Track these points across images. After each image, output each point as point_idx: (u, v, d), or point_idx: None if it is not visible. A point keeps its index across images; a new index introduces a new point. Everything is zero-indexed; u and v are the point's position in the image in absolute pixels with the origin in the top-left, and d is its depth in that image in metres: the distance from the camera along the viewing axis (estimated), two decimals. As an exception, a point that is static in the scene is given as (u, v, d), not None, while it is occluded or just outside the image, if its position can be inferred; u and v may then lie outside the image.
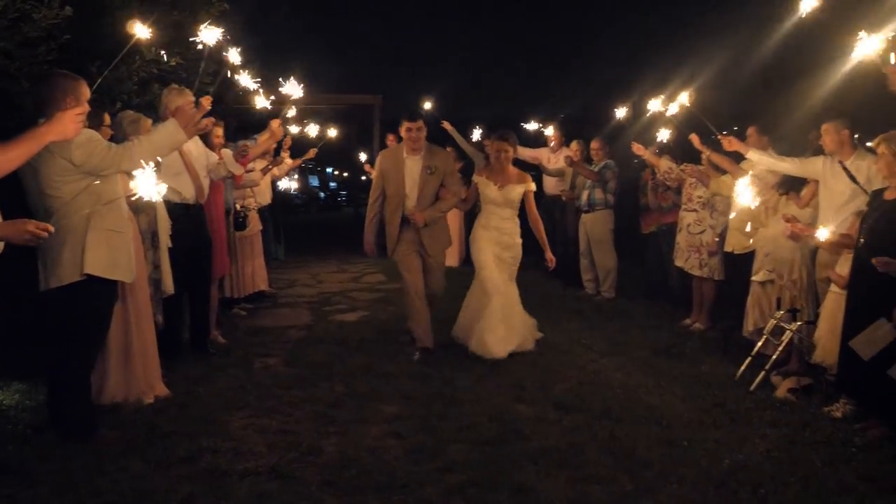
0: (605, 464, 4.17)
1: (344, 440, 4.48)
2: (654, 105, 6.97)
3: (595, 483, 3.92)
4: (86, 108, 4.05)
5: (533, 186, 6.86)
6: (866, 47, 3.73)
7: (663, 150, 8.36)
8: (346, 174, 32.00)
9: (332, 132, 10.83)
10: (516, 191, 6.73)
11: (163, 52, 6.96)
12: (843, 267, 5.27)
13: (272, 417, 4.88)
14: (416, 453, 4.28)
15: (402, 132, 6.53)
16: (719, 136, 6.45)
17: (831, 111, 6.03)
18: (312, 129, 10.24)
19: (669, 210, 8.42)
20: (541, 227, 6.91)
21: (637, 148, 8.16)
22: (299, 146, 10.35)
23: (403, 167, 6.52)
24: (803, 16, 3.94)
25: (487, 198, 6.80)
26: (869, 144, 5.33)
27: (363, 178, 25.52)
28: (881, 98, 4.88)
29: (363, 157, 13.65)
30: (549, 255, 6.83)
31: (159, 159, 4.65)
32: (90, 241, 4.35)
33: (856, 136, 5.88)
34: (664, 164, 8.05)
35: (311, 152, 10.29)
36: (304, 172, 29.31)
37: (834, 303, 5.44)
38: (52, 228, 3.72)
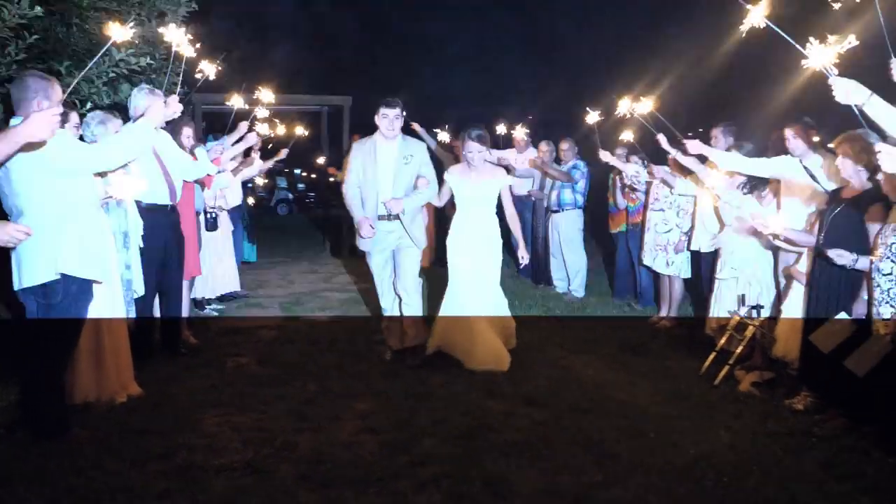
0: (574, 455, 4.28)
1: (318, 436, 4.53)
2: (625, 105, 7.06)
3: (565, 474, 4.02)
4: (60, 109, 4.06)
5: (509, 180, 6.64)
6: (817, 56, 3.86)
7: (631, 150, 8.51)
8: (314, 176, 31.88)
9: (301, 130, 10.83)
10: (492, 186, 6.44)
11: (131, 51, 6.96)
12: (803, 263, 5.44)
13: (246, 415, 4.92)
14: (390, 447, 4.35)
15: (378, 119, 6.22)
16: (683, 140, 6.59)
17: (795, 113, 6.20)
18: (281, 131, 10.27)
19: (637, 210, 8.58)
20: (517, 224, 6.68)
21: (604, 154, 8.30)
22: (268, 147, 10.37)
23: (376, 157, 6.25)
24: (752, 27, 4.05)
25: (462, 196, 6.50)
26: (830, 145, 5.48)
27: (330, 179, 25.53)
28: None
29: (321, 160, 13.72)
30: (522, 251, 6.57)
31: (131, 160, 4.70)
32: (63, 240, 4.36)
33: (816, 138, 6.06)
34: (631, 169, 8.20)
35: (281, 152, 10.32)
36: (271, 174, 29.17)
37: (795, 298, 5.61)
38: (31, 231, 3.75)
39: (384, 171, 6.22)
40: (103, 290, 4.89)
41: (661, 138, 7.02)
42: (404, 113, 6.32)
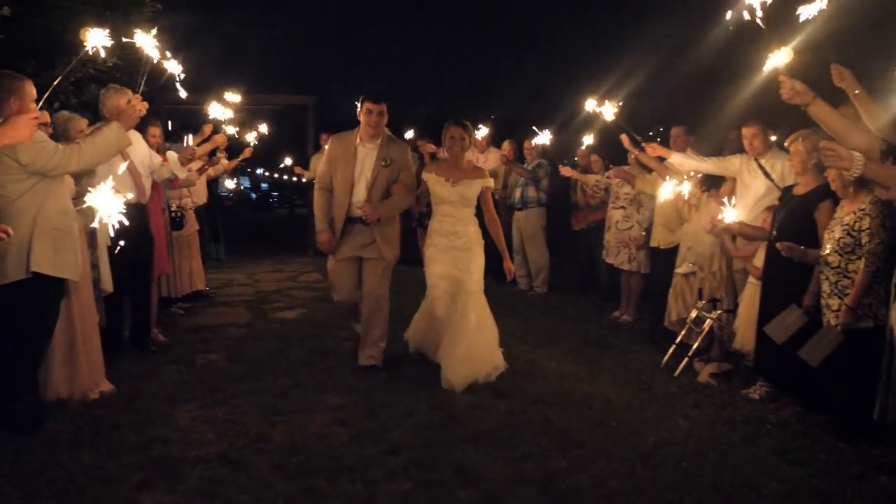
0: (539, 444, 4.43)
1: (290, 428, 4.63)
2: (590, 105, 7.21)
3: (530, 461, 4.17)
4: (37, 111, 4.12)
5: (491, 182, 6.17)
6: (777, 58, 4.07)
7: (593, 150, 8.74)
8: (276, 175, 31.83)
9: (263, 128, 10.83)
10: (473, 186, 5.94)
11: (97, 50, 6.99)
12: (759, 259, 5.65)
13: (218, 409, 5.00)
14: (361, 438, 4.47)
15: (361, 115, 5.78)
16: (644, 144, 6.79)
17: (752, 114, 6.43)
18: (249, 134, 10.30)
19: (598, 207, 8.79)
20: (499, 230, 6.20)
21: (564, 170, 8.56)
22: (233, 147, 10.37)
23: (355, 155, 5.84)
24: (730, 27, 4.25)
25: (440, 197, 5.97)
26: (784, 144, 5.70)
27: (294, 178, 25.48)
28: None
29: (288, 160, 13.75)
30: (507, 263, 6.27)
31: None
32: (36, 239, 4.42)
33: (773, 137, 6.30)
34: (591, 179, 8.44)
35: (247, 152, 10.34)
36: (234, 173, 28.97)
37: (751, 293, 5.82)
38: (10, 231, 3.81)
39: (360, 172, 5.86)
40: (75, 287, 4.95)
41: (624, 138, 7.23)
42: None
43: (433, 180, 5.99)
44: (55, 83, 4.59)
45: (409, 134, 11.31)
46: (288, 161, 13.66)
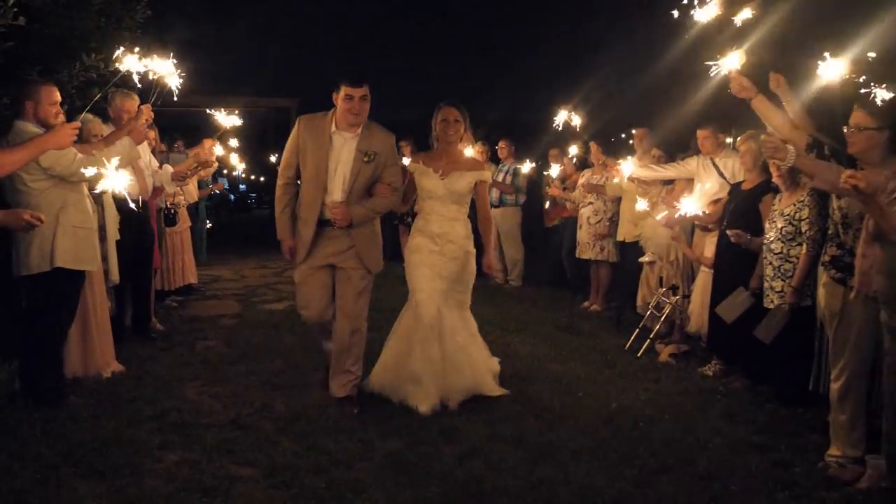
0: (514, 410, 4.98)
1: (291, 400, 5.12)
2: (562, 116, 7.78)
3: (506, 423, 4.73)
4: (78, 123, 4.60)
5: (488, 175, 5.49)
6: (731, 61, 4.65)
7: (580, 161, 9.37)
8: (253, 177, 32.12)
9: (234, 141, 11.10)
10: (465, 180, 5.19)
11: (101, 57, 7.42)
12: (709, 249, 6.23)
13: (222, 385, 5.48)
14: (357, 407, 4.96)
15: (339, 100, 4.80)
16: (609, 167, 7.42)
17: (705, 117, 7.01)
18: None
19: (566, 206, 9.38)
20: (490, 228, 5.55)
21: (553, 191, 9.20)
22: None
23: (329, 146, 4.88)
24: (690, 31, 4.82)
25: (427, 191, 5.25)
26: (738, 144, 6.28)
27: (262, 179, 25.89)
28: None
29: (273, 159, 14.14)
30: (488, 259, 5.46)
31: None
32: (59, 236, 4.87)
33: (729, 139, 6.91)
34: (577, 196, 8.96)
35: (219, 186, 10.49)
36: (214, 176, 29.22)
37: (704, 280, 6.40)
38: (44, 218, 4.29)
39: (336, 167, 4.89)
40: (91, 276, 5.42)
41: (594, 146, 7.85)
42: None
43: (420, 171, 5.26)
44: (91, 103, 5.05)
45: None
46: (273, 158, 14.07)
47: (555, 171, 9.30)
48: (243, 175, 34.92)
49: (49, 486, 3.70)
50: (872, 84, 3.68)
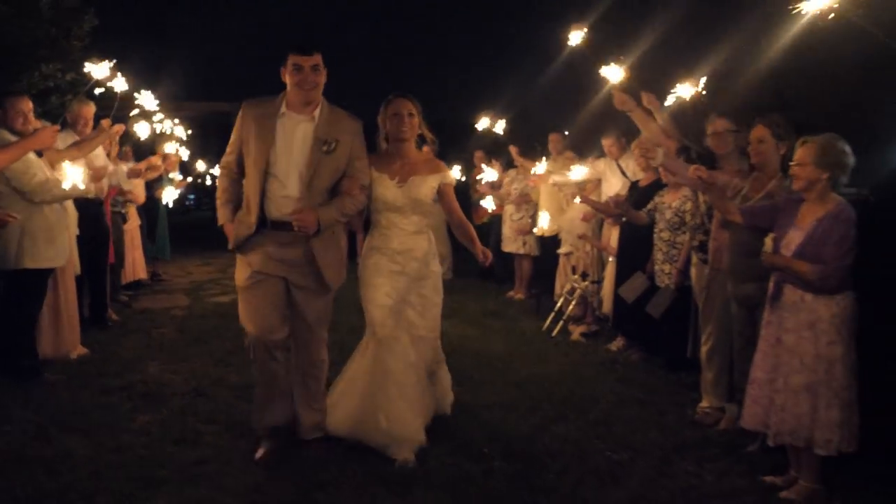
0: (440, 378, 5.72)
1: (242, 374, 5.73)
2: (484, 122, 8.61)
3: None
4: (56, 126, 5.19)
5: (452, 178, 4.69)
6: (613, 73, 5.50)
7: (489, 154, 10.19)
8: (190, 179, 32.35)
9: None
10: (427, 185, 4.45)
11: (58, 67, 7.98)
12: (613, 240, 7.09)
13: (180, 364, 6.11)
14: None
15: (288, 75, 4.05)
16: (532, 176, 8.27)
17: (609, 125, 7.89)
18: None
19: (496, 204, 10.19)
20: (469, 231, 4.69)
21: (482, 189, 10.00)
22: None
23: (276, 129, 4.07)
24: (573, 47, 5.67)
25: (383, 202, 4.45)
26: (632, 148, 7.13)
27: (208, 182, 26.26)
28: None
29: (201, 165, 14.56)
30: (478, 248, 4.69)
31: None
32: (27, 236, 5.43)
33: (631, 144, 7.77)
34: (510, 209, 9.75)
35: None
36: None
37: (611, 268, 7.26)
38: (17, 217, 4.89)
39: (287, 157, 4.07)
40: (62, 267, 6.00)
41: (513, 149, 8.70)
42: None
43: (373, 179, 4.42)
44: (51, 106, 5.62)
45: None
46: (201, 165, 14.54)
47: (490, 174, 10.14)
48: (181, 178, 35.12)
49: (41, 441, 4.33)
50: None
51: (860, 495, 3.81)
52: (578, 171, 7.66)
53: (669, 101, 5.58)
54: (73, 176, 5.27)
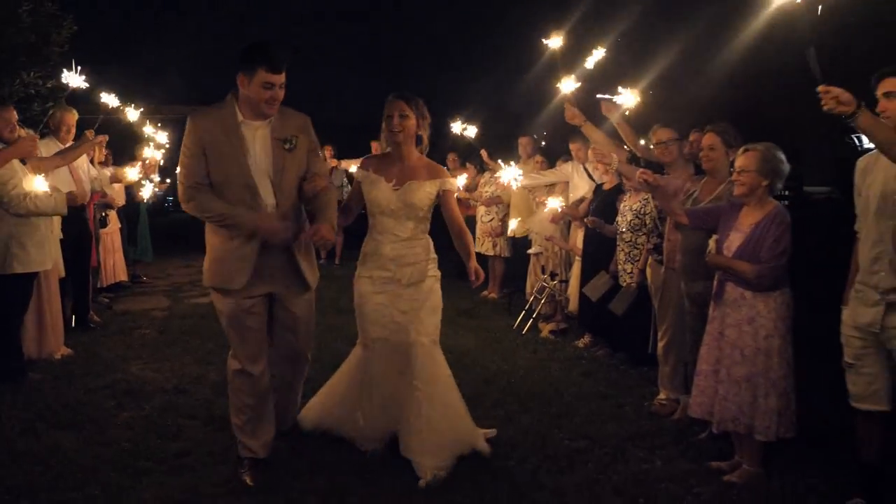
0: (412, 374, 5.98)
1: (222, 372, 5.81)
2: (457, 126, 8.91)
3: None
4: (36, 136, 5.42)
5: (453, 184, 4.52)
6: (567, 86, 5.80)
7: (465, 157, 10.48)
8: (168, 181, 32.42)
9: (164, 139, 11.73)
10: (424, 190, 4.33)
11: (39, 74, 8.17)
12: (579, 241, 7.38)
13: (161, 363, 6.35)
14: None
15: (252, 86, 3.86)
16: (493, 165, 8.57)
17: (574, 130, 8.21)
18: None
19: (470, 205, 10.47)
20: (467, 239, 4.61)
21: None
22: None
23: (240, 140, 3.94)
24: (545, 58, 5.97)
25: (376, 205, 4.38)
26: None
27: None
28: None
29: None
30: (471, 264, 4.61)
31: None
32: (17, 242, 5.64)
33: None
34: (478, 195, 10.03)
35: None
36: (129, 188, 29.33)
37: (579, 268, 7.55)
38: None
39: (257, 165, 3.98)
40: (47, 271, 6.20)
41: (483, 153, 9.00)
42: None
43: (368, 181, 4.40)
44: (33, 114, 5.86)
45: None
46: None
47: (461, 180, 10.40)
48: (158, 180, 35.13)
49: (30, 437, 4.56)
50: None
51: (797, 477, 4.11)
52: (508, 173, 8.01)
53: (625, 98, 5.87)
54: (37, 187, 5.51)
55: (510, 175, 6.69)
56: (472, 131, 8.90)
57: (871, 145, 3.57)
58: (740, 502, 3.88)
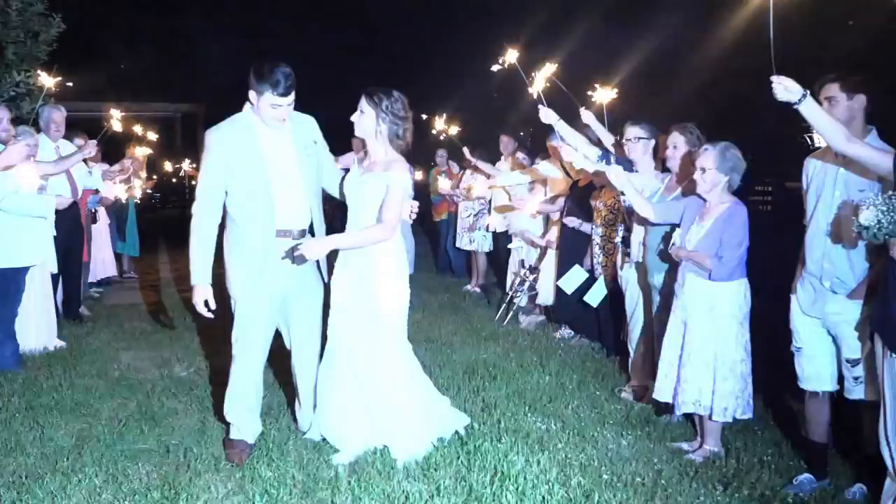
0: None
1: (216, 361, 6.19)
2: (439, 124, 9.18)
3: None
4: (32, 141, 5.61)
5: (397, 181, 4.18)
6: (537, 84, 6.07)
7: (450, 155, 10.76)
8: (155, 178, 32.51)
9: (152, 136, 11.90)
10: (372, 185, 4.23)
11: (29, 73, 8.35)
12: (555, 235, 7.65)
13: (152, 353, 6.58)
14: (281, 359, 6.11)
15: (262, 104, 4.05)
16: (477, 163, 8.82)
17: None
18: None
19: (454, 202, 10.74)
20: (360, 237, 4.32)
21: (441, 188, 10.51)
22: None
23: (262, 148, 4.12)
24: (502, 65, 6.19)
25: (347, 197, 4.43)
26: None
27: (173, 180, 26.58)
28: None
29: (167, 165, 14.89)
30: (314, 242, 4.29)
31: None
32: (12, 236, 5.87)
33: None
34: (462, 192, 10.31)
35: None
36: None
37: (554, 261, 7.81)
38: None
39: (284, 172, 4.18)
40: (42, 264, 6.42)
41: (466, 151, 9.26)
42: None
43: (352, 172, 4.45)
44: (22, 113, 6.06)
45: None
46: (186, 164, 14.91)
47: (443, 183, 10.65)
48: (147, 177, 35.24)
49: (27, 425, 4.78)
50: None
51: (753, 454, 4.40)
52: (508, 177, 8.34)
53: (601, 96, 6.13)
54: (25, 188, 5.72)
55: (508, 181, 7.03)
56: (454, 130, 9.17)
57: (822, 144, 3.87)
58: (699, 478, 4.14)
